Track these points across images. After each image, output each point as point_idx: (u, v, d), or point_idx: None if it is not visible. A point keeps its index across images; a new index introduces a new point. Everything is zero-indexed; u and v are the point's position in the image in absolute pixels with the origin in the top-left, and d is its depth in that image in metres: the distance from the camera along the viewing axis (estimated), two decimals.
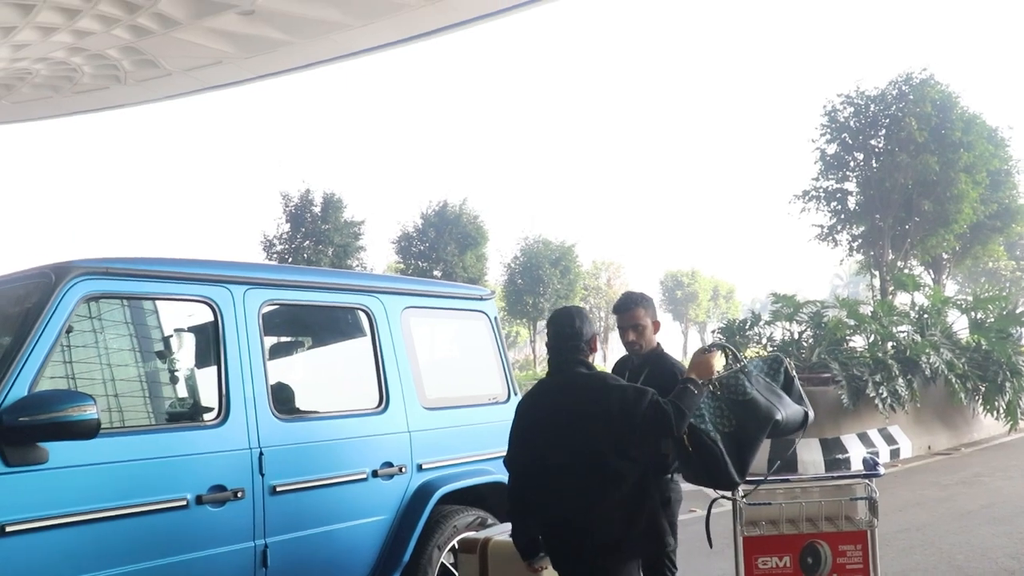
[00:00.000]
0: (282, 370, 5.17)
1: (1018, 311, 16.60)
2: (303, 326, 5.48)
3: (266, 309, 4.46)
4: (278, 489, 4.19)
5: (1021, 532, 7.91)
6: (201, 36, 20.07)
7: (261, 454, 4.14)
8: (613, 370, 4.80)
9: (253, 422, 4.16)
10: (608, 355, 50.73)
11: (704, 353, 3.70)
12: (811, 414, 3.88)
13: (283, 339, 5.51)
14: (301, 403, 4.82)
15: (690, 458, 3.59)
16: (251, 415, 4.16)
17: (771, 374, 3.88)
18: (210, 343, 4.23)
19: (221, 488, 3.95)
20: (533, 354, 43.40)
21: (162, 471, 3.80)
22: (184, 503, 3.82)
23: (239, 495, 4.02)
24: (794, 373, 3.94)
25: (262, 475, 4.13)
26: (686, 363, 3.89)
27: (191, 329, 4.48)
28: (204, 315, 4.23)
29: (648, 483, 3.54)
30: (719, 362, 3.68)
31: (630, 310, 4.50)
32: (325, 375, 5.19)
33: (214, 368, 4.18)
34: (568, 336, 3.63)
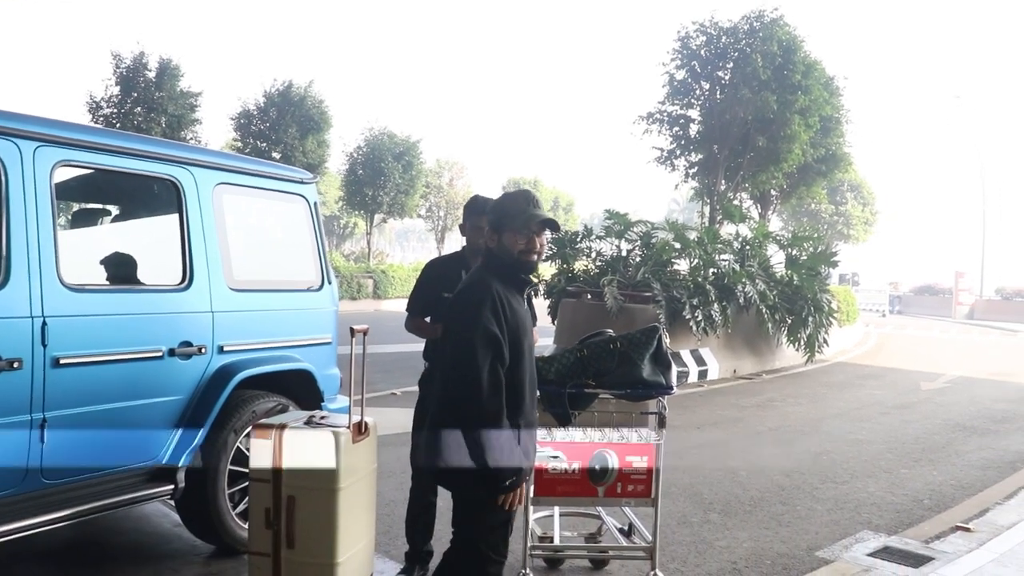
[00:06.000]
0: (77, 238, 4.84)
1: (829, 252, 17.61)
2: (103, 193, 5.12)
3: (60, 170, 4.11)
4: (62, 362, 3.94)
5: (798, 452, 8.54)
6: None
7: (44, 324, 3.87)
8: (437, 270, 4.73)
9: (37, 290, 3.87)
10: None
11: None
12: (673, 385, 4.20)
13: (82, 206, 5.14)
14: (95, 274, 4.53)
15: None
16: (35, 282, 3.87)
17: (646, 341, 4.10)
18: None
19: None
20: (368, 247, 42.85)
21: None
22: None
23: (15, 366, 3.76)
24: (667, 344, 4.24)
25: (44, 346, 3.87)
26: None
27: None
28: None
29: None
30: None
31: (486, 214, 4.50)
32: (125, 246, 4.88)
33: None
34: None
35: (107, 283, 4.58)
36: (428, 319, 4.69)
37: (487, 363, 2.93)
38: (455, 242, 58.79)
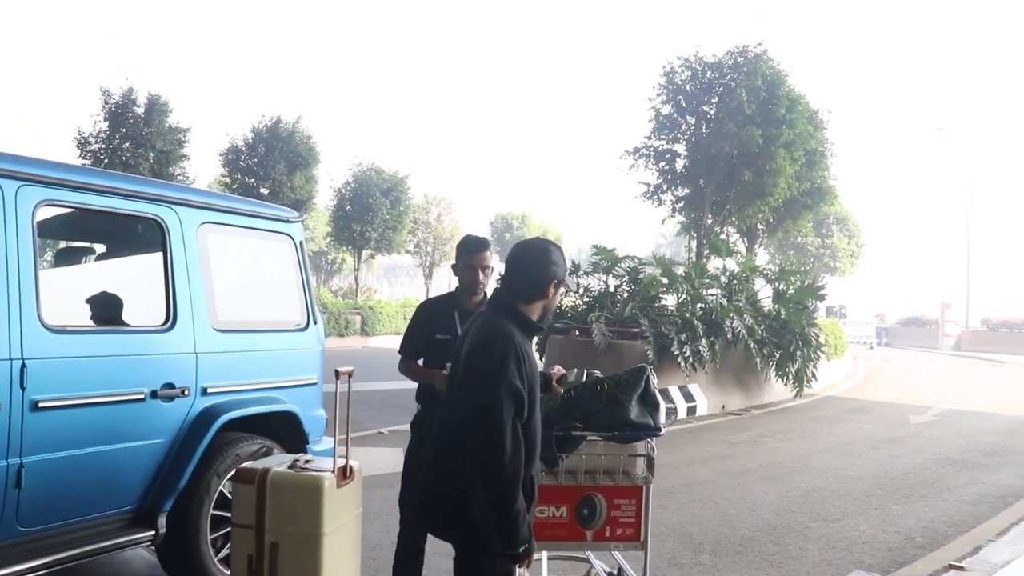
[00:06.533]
0: (60, 277, 4.78)
1: (816, 285, 17.64)
2: (87, 232, 5.07)
3: (43, 210, 4.07)
4: (40, 405, 3.87)
5: (788, 490, 8.46)
6: None
7: (23, 366, 3.81)
8: (429, 312, 4.66)
9: (16, 332, 3.81)
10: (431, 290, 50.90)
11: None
12: (661, 427, 4.08)
13: (64, 245, 5.09)
14: (77, 315, 4.47)
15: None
16: (14, 324, 3.81)
17: (633, 382, 4.02)
18: None
19: None
20: (356, 283, 42.76)
21: None
22: None
23: None
24: (655, 384, 4.12)
25: (22, 389, 3.81)
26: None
27: None
28: None
29: None
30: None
31: (481, 251, 4.50)
32: (108, 286, 4.81)
33: None
34: (508, 275, 3.14)
35: (89, 324, 4.52)
36: (421, 362, 4.63)
37: (511, 419, 2.82)
38: (443, 277, 58.87)
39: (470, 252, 4.51)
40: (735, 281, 16.42)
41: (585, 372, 4.28)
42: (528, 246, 3.23)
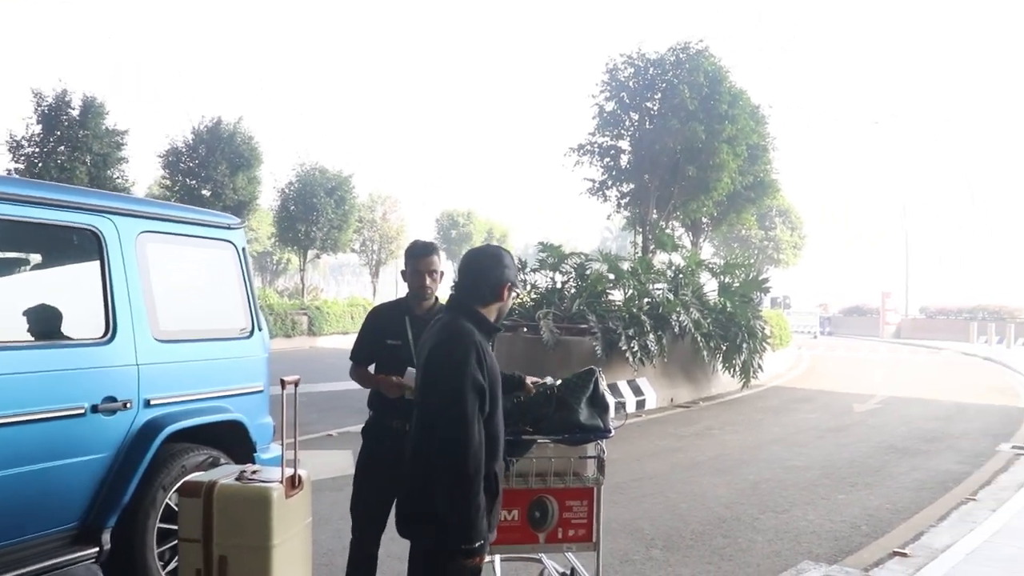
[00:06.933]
0: None
1: (760, 278, 17.88)
2: (20, 245, 4.92)
3: None
4: None
5: (737, 482, 8.57)
6: None
7: None
8: (380, 318, 4.60)
9: None
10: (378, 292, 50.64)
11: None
12: (611, 429, 4.12)
13: None
14: (10, 330, 4.34)
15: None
16: None
17: (582, 385, 4.06)
18: None
19: None
20: (302, 283, 42.35)
21: None
22: None
23: None
24: (604, 386, 4.17)
25: None
26: None
27: None
28: None
29: None
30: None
31: (429, 255, 4.45)
32: (43, 299, 4.68)
33: None
34: (462, 281, 3.25)
35: (23, 339, 4.39)
36: (372, 368, 4.59)
37: (475, 412, 2.88)
38: (390, 275, 58.46)
39: (417, 257, 4.49)
40: (681, 275, 16.56)
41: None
42: (480, 252, 3.35)
